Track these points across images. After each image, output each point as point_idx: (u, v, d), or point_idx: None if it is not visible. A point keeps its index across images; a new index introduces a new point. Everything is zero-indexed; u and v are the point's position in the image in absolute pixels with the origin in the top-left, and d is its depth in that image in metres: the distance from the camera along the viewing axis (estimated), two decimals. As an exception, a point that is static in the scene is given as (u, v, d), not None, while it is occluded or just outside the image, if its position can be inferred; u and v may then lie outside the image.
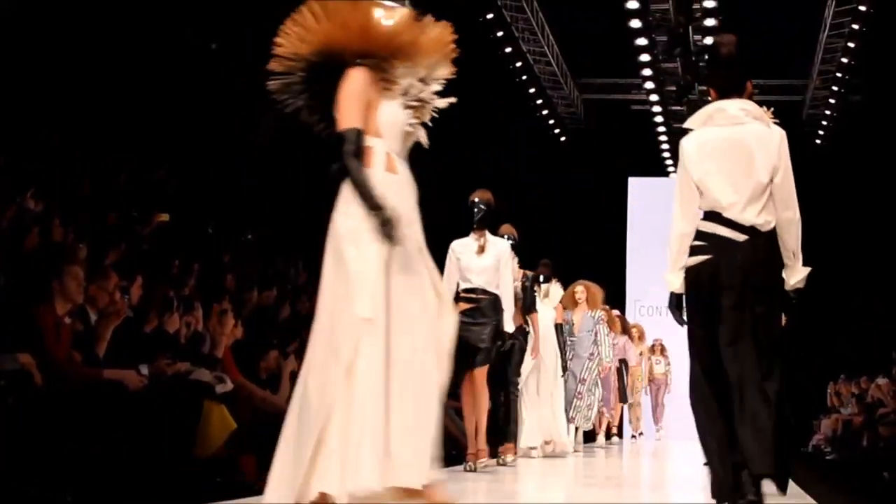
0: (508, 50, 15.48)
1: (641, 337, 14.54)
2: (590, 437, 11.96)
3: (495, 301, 7.41)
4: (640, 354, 14.34)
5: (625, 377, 13.23)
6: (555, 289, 9.93)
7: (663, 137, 17.75)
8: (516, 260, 8.29)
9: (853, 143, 16.33)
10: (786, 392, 4.15)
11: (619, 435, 13.86)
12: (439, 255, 7.20)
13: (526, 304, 8.49)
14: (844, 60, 15.35)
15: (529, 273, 8.67)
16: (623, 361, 13.09)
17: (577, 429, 10.74)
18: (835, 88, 16.18)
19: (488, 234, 7.54)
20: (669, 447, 13.20)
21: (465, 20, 14.08)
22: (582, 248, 15.79)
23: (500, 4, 14.57)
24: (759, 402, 4.06)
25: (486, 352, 7.36)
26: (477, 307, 7.36)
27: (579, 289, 10.74)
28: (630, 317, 15.48)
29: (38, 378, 5.35)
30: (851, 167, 16.27)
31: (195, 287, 8.40)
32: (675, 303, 4.38)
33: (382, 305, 3.46)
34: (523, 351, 8.47)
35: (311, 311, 9.40)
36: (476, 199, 7.52)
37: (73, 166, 9.41)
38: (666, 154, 18.19)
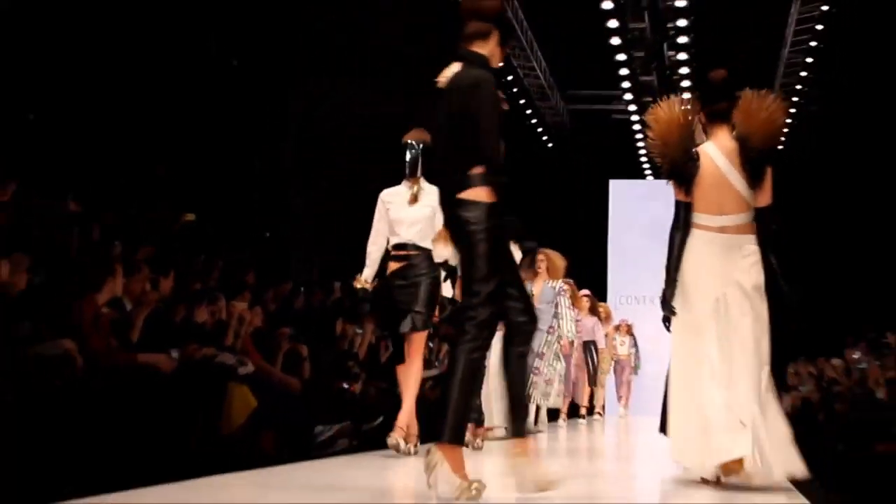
0: (500, 65, 15.47)
1: (608, 317, 13.14)
2: (555, 414, 10.54)
3: (430, 256, 5.77)
4: (606, 335, 12.92)
5: (594, 359, 11.95)
6: (514, 254, 8.43)
7: (641, 143, 17.77)
8: None
9: (811, 148, 16.39)
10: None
11: (590, 413, 12.57)
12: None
13: None
14: (803, 74, 15.39)
15: None
16: (592, 343, 11.86)
17: (538, 407, 9.09)
18: (795, 99, 16.20)
19: (423, 182, 5.79)
20: (634, 422, 12.69)
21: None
22: (567, 243, 15.77)
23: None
24: None
25: (422, 315, 5.71)
26: (409, 264, 5.76)
27: (539, 257, 8.93)
28: (612, 306, 14.73)
29: (80, 362, 5.40)
30: (810, 170, 16.33)
31: (219, 280, 8.43)
32: None
33: None
34: None
35: (323, 303, 9.49)
36: (410, 141, 5.77)
37: (109, 172, 9.46)
38: (643, 158, 18.20)
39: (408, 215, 5.76)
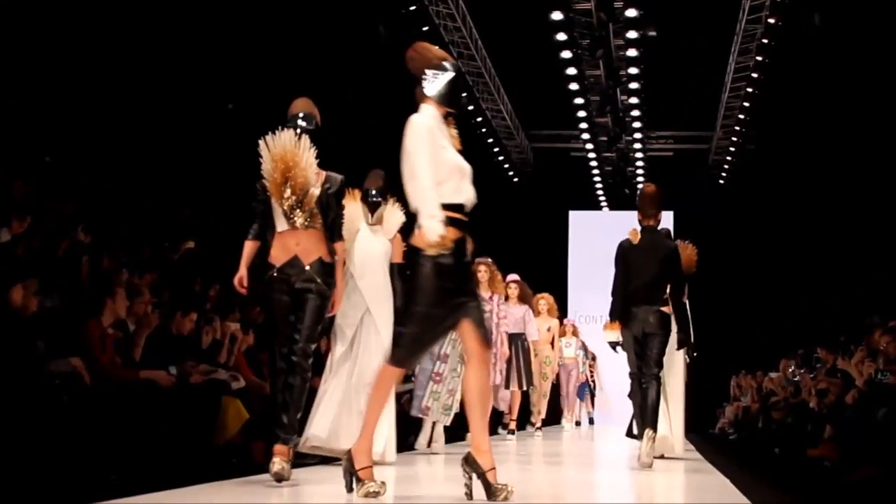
0: (471, 108, 15.63)
1: (552, 311, 10.25)
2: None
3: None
4: (549, 330, 10.10)
5: (525, 354, 8.89)
6: (392, 211, 5.58)
7: (597, 178, 17.92)
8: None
9: (749, 183, 16.61)
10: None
11: (521, 427, 9.70)
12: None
13: (327, 226, 4.47)
14: (741, 117, 15.61)
15: (337, 176, 4.52)
16: (521, 336, 8.88)
17: (433, 423, 6.79)
18: (734, 139, 16.43)
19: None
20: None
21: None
22: (532, 266, 15.85)
23: (464, 72, 14.73)
24: None
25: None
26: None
27: None
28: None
29: (87, 378, 5.38)
30: (747, 201, 16.54)
31: (215, 303, 8.38)
32: None
33: None
34: (325, 300, 4.44)
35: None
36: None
37: (116, 205, 9.41)
38: (599, 192, 18.36)
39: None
